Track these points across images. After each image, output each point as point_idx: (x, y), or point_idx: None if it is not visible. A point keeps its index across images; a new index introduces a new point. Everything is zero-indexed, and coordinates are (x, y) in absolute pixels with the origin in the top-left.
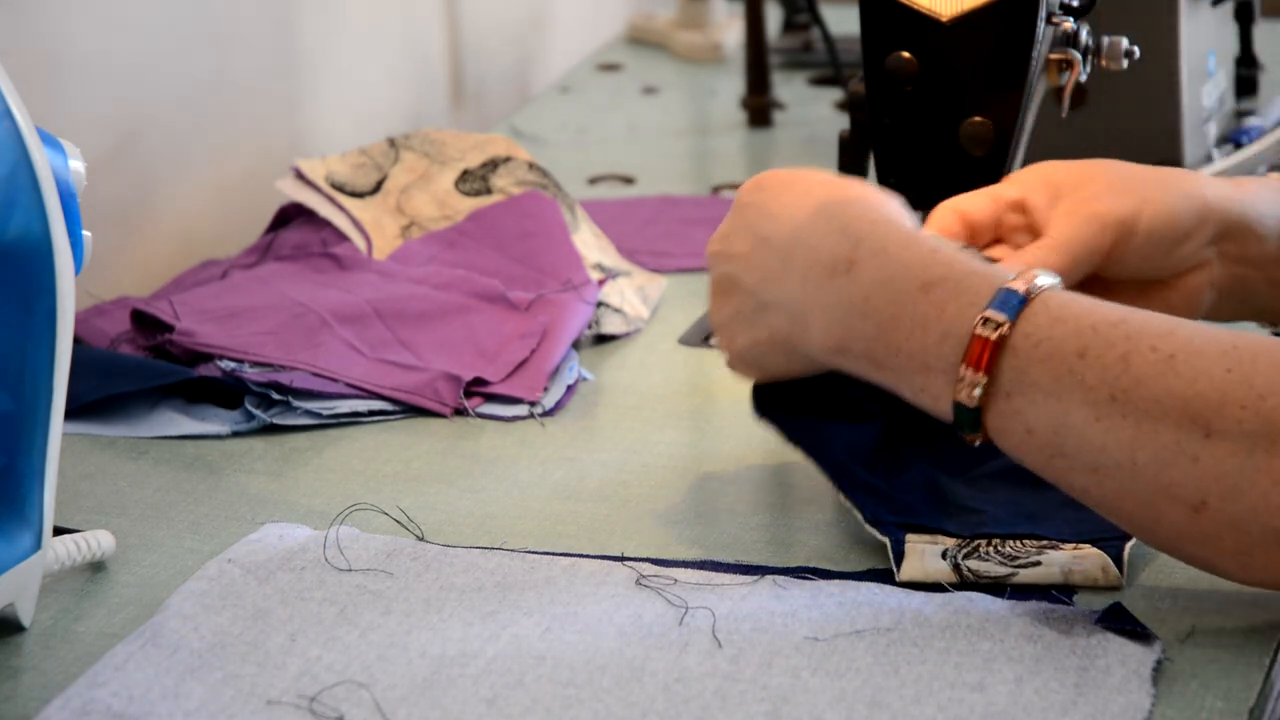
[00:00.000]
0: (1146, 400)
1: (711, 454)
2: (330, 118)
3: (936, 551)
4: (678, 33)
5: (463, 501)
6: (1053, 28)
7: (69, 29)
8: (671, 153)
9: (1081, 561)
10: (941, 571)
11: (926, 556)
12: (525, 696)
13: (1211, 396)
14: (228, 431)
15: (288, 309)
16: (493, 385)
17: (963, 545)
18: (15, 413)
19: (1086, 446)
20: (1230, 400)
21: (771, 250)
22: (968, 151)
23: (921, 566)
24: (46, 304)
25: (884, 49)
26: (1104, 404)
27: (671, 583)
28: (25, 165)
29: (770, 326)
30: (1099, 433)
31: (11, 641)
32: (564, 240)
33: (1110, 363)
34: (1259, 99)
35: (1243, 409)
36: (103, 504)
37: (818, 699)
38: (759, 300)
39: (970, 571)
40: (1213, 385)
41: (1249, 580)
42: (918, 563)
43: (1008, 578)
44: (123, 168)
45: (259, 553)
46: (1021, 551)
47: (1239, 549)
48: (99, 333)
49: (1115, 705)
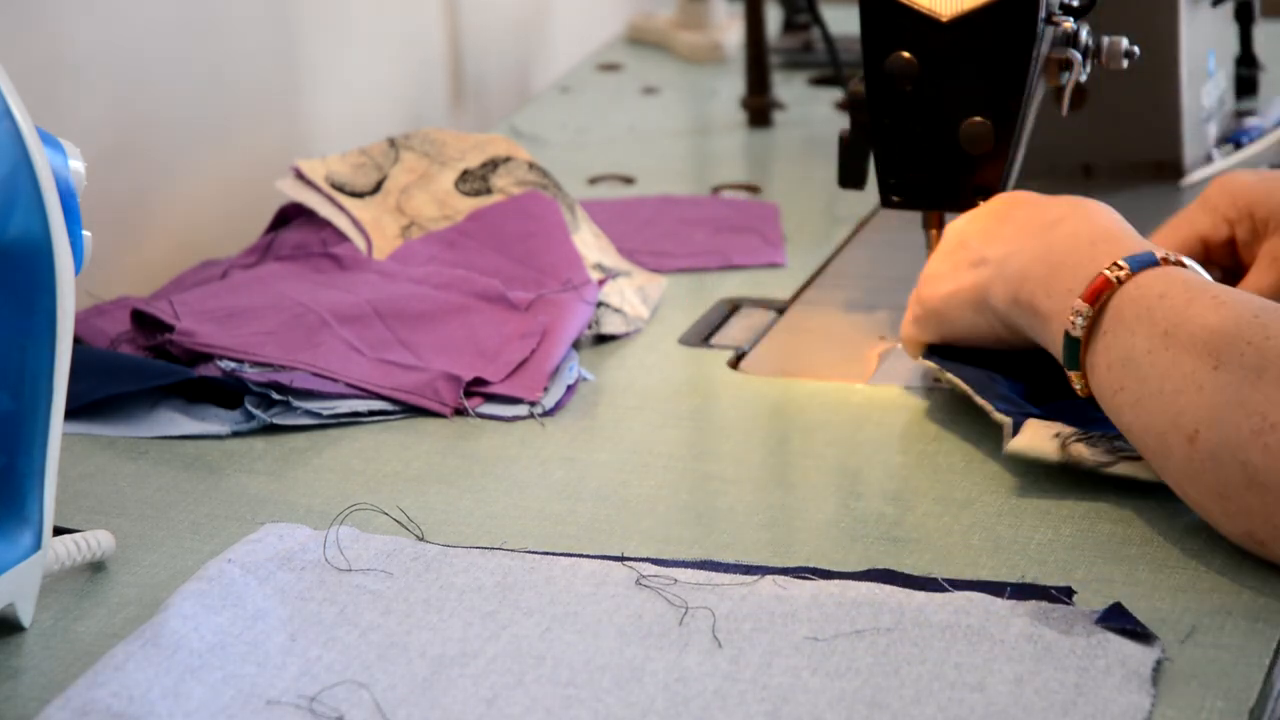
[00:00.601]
0: (1185, 334)
1: (711, 454)
2: (330, 118)
3: (1051, 432)
4: (678, 33)
5: (463, 501)
6: (1053, 28)
7: (69, 29)
8: (671, 153)
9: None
10: (1049, 447)
11: (1040, 433)
12: (525, 696)
13: (1229, 332)
14: (228, 431)
15: (288, 309)
16: (493, 385)
17: (1079, 434)
18: (15, 412)
19: (1138, 376)
20: (1241, 336)
21: (1005, 220)
22: (968, 151)
23: (1031, 440)
24: (46, 304)
25: (884, 49)
26: (1159, 337)
27: (671, 583)
28: (25, 165)
29: (975, 277)
30: (1148, 364)
31: (11, 641)
32: (564, 240)
33: (1178, 305)
34: (1259, 99)
35: (1249, 344)
36: (103, 504)
37: (818, 699)
38: (978, 256)
39: (1073, 454)
40: (1236, 323)
41: (1233, 531)
42: (1029, 436)
43: (1107, 464)
44: (123, 168)
45: (259, 553)
46: (1129, 448)
47: (1218, 487)
48: (99, 333)
49: (1115, 705)
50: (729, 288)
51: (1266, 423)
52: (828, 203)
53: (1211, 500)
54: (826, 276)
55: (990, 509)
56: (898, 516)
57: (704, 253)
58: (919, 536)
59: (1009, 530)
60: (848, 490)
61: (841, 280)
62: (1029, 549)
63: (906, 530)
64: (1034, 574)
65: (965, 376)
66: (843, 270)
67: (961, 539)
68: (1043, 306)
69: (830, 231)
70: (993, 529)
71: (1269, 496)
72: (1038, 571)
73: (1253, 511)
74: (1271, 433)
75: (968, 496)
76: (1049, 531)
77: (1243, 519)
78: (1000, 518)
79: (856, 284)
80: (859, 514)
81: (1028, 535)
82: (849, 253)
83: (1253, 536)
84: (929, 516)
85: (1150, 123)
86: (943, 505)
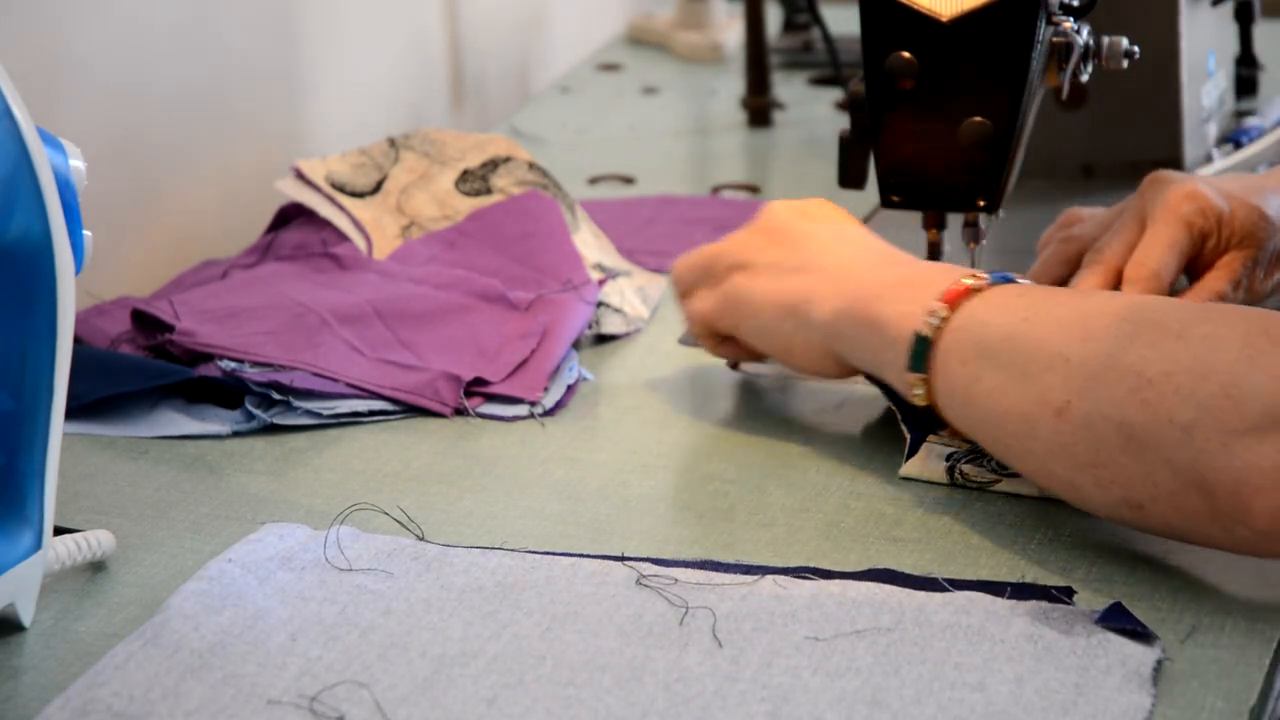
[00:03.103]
0: (1050, 317)
1: (711, 454)
2: (330, 118)
3: (943, 453)
4: (678, 33)
5: (463, 501)
6: (1053, 28)
7: (69, 29)
8: (671, 153)
9: None
10: (936, 471)
11: (930, 456)
12: (525, 696)
13: (1092, 310)
14: (228, 431)
15: (288, 309)
16: (493, 385)
17: (972, 453)
18: (15, 412)
19: (996, 364)
20: (1107, 311)
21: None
22: (968, 151)
23: (921, 465)
24: (46, 304)
25: (884, 49)
26: (1019, 323)
27: (671, 583)
28: (25, 165)
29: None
30: (1008, 349)
31: (11, 641)
32: (564, 240)
33: (1036, 299)
34: (1259, 99)
35: (1116, 317)
36: (103, 504)
37: (818, 699)
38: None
39: (961, 474)
40: (1102, 302)
41: (1105, 500)
42: (920, 462)
43: (991, 484)
44: (123, 168)
45: (259, 553)
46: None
47: (1090, 455)
48: (99, 333)
49: (1115, 705)
50: None
51: (1143, 379)
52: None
53: (1082, 472)
54: None
55: (990, 509)
56: (898, 516)
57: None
58: (919, 536)
59: (1009, 530)
60: (848, 490)
61: None
62: (1029, 549)
63: (906, 530)
64: (1034, 574)
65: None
66: None
67: (961, 539)
68: (884, 313)
69: None
70: (993, 529)
71: (1148, 454)
72: (1038, 571)
73: (1130, 475)
74: (1149, 388)
75: (968, 496)
76: (1049, 531)
77: (1117, 486)
78: (1000, 518)
79: None
80: (859, 514)
81: (1028, 535)
82: None
83: (1128, 502)
84: (929, 516)
85: (1150, 123)
86: (943, 505)
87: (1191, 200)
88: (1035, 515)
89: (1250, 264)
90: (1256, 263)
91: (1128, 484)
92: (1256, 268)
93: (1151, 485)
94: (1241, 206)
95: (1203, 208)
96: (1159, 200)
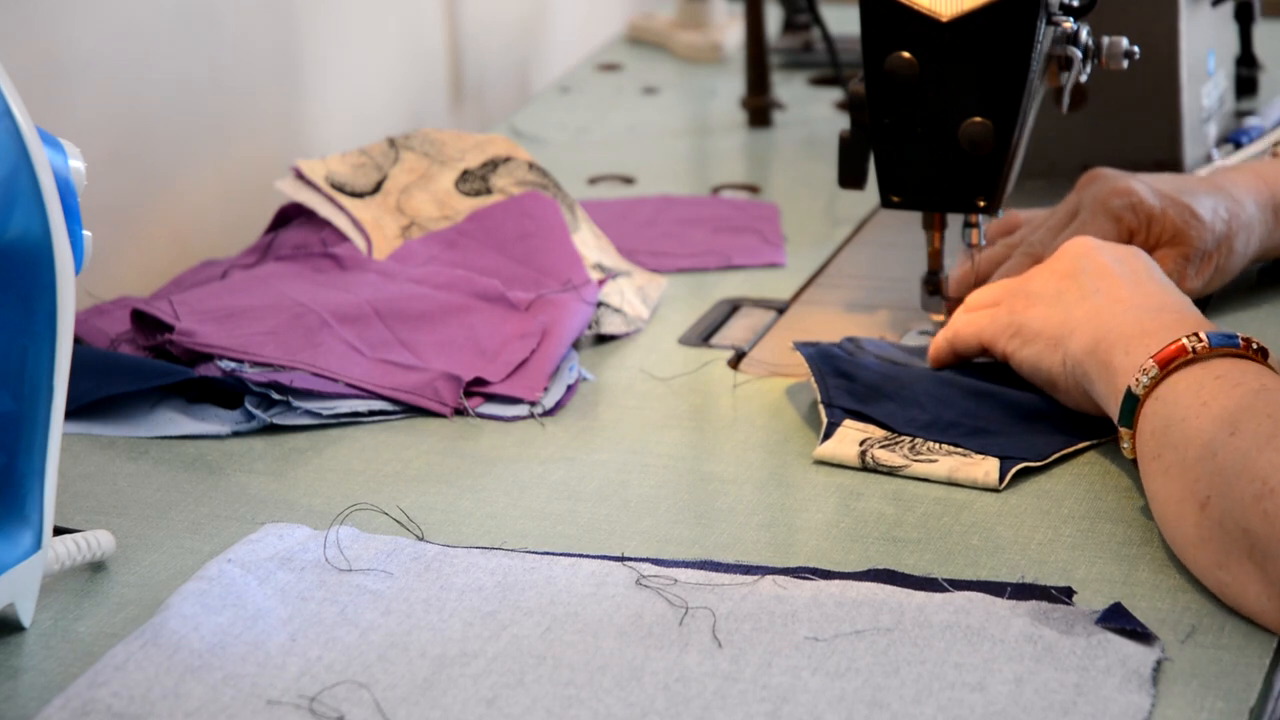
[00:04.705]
0: (1217, 406)
1: (711, 454)
2: (330, 118)
3: (857, 439)
4: (678, 33)
5: (463, 501)
6: (1053, 28)
7: (69, 29)
8: (671, 153)
9: (970, 468)
10: (849, 456)
11: (845, 441)
12: (525, 696)
13: (1248, 404)
14: (228, 431)
15: (288, 309)
16: (493, 385)
17: (887, 439)
18: (15, 413)
19: (1170, 443)
20: (1258, 408)
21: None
22: (968, 151)
23: (834, 449)
24: (46, 304)
25: (884, 49)
26: (1197, 407)
27: (671, 583)
28: (25, 165)
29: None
30: (1179, 432)
31: (11, 641)
32: (564, 240)
33: (1226, 385)
34: (1259, 99)
35: (1266, 415)
36: (103, 504)
37: (818, 699)
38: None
39: (872, 459)
40: (1258, 395)
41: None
42: (834, 445)
43: (900, 469)
44: (123, 168)
45: (259, 553)
46: (926, 452)
47: (1220, 556)
48: (99, 333)
49: (1115, 705)
50: (729, 288)
51: (1266, 488)
52: (828, 203)
53: (1214, 570)
54: (826, 276)
55: (990, 509)
56: (898, 516)
57: (704, 253)
58: (919, 536)
59: (1009, 530)
60: (848, 490)
61: (841, 280)
62: (1029, 549)
63: (906, 530)
64: (1034, 574)
65: (823, 372)
66: (843, 270)
67: (961, 539)
68: (1117, 362)
69: (830, 231)
70: (993, 529)
71: (1269, 565)
72: (1038, 571)
73: (1250, 581)
74: (1270, 498)
75: (968, 496)
76: (1049, 531)
77: (1242, 589)
78: (1000, 518)
79: (856, 284)
80: (859, 514)
81: (1028, 535)
82: (849, 253)
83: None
84: (929, 516)
85: (1150, 123)
86: (943, 505)
87: (1122, 196)
88: (1035, 515)
89: (1181, 262)
90: (1188, 260)
91: (1246, 590)
92: (1188, 266)
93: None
94: (1174, 205)
95: (1133, 204)
96: (1091, 194)
